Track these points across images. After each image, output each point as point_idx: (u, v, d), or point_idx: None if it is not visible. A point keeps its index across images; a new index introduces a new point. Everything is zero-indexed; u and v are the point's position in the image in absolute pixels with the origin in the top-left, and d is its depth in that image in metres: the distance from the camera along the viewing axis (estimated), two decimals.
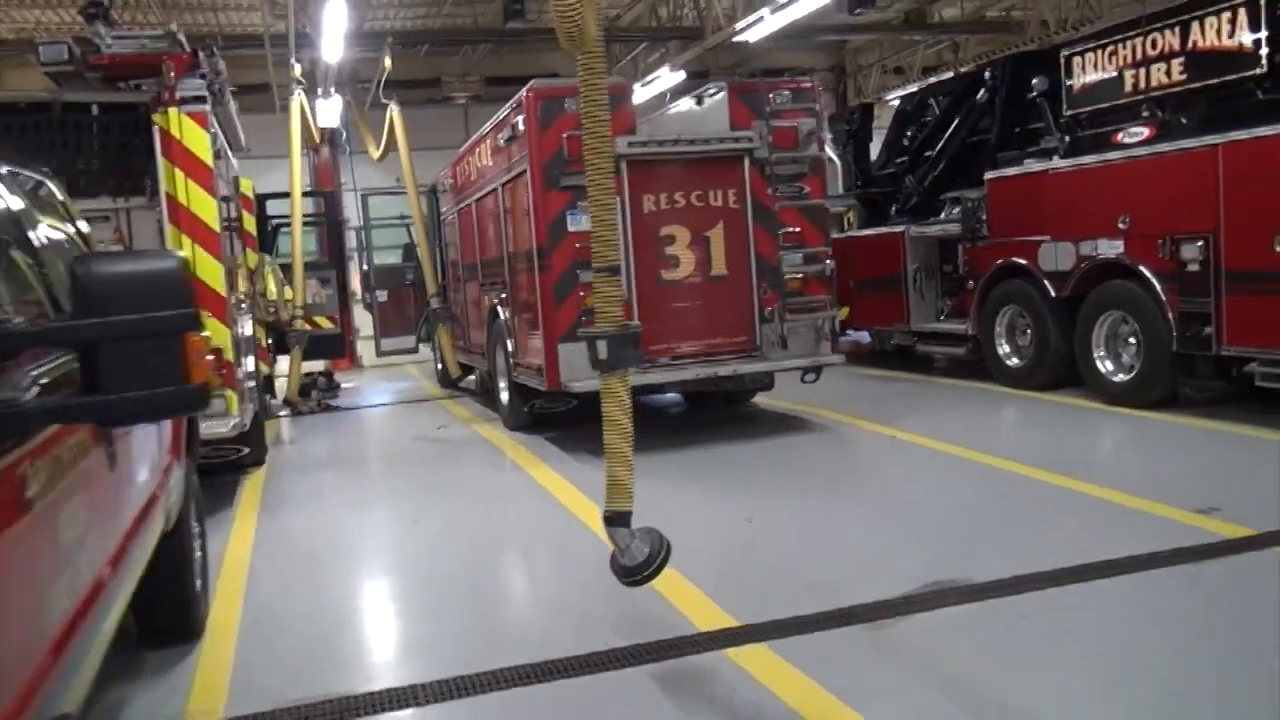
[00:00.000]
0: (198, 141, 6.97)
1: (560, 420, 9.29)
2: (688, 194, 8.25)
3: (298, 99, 10.75)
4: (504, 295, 9.32)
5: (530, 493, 7.18)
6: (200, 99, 7.00)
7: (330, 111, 14.03)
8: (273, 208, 14.27)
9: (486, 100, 17.84)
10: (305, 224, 14.05)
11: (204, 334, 7.02)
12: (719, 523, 6.08)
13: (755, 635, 4.25)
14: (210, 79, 7.31)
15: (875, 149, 13.23)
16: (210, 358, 6.87)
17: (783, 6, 11.78)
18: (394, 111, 11.18)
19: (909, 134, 12.03)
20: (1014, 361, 10.11)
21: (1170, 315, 8.04)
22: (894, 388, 11.14)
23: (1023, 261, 9.68)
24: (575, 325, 7.99)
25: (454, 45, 16.84)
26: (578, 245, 7.96)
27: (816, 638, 4.22)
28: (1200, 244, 7.75)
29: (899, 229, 11.73)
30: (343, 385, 14.93)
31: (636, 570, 4.08)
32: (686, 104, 9.33)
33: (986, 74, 10.63)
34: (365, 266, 14.79)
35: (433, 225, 12.76)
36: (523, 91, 8.13)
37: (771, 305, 8.37)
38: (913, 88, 13.54)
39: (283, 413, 12.29)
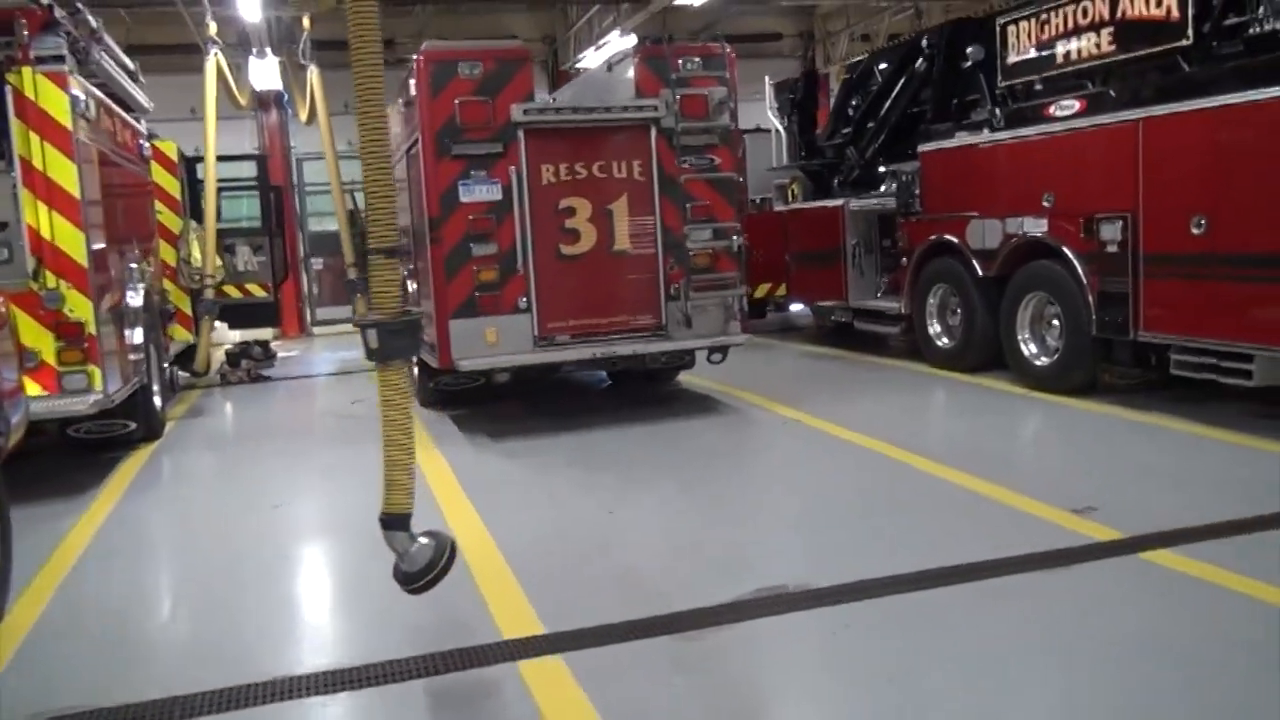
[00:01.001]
0: (55, 103, 6.61)
1: (475, 396, 8.97)
2: (589, 165, 7.88)
3: (214, 59, 10.33)
4: (410, 268, 8.98)
5: None
6: (59, 58, 6.63)
7: (267, 73, 13.60)
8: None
9: None
10: (241, 189, 13.78)
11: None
12: (580, 515, 5.80)
13: (555, 646, 3.96)
14: (75, 37, 6.94)
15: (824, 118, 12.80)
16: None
17: None
18: (314, 74, 10.77)
19: (853, 104, 11.60)
20: (944, 342, 9.79)
21: (1090, 298, 7.71)
22: (823, 367, 10.83)
23: (953, 239, 9.33)
24: (468, 301, 7.70)
25: (404, 4, 16.34)
26: (471, 217, 7.65)
27: (618, 650, 3.94)
28: (1119, 224, 7.39)
29: (838, 202, 11.37)
30: (279, 355, 14.64)
31: (417, 576, 3.80)
32: (600, 69, 8.93)
33: (924, 42, 10.20)
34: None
35: None
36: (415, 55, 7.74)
37: (678, 282, 8.03)
38: (860, 56, 13.08)
39: (214, 382, 12.01)
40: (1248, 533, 4.85)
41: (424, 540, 3.83)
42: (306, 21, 11.38)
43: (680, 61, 8.01)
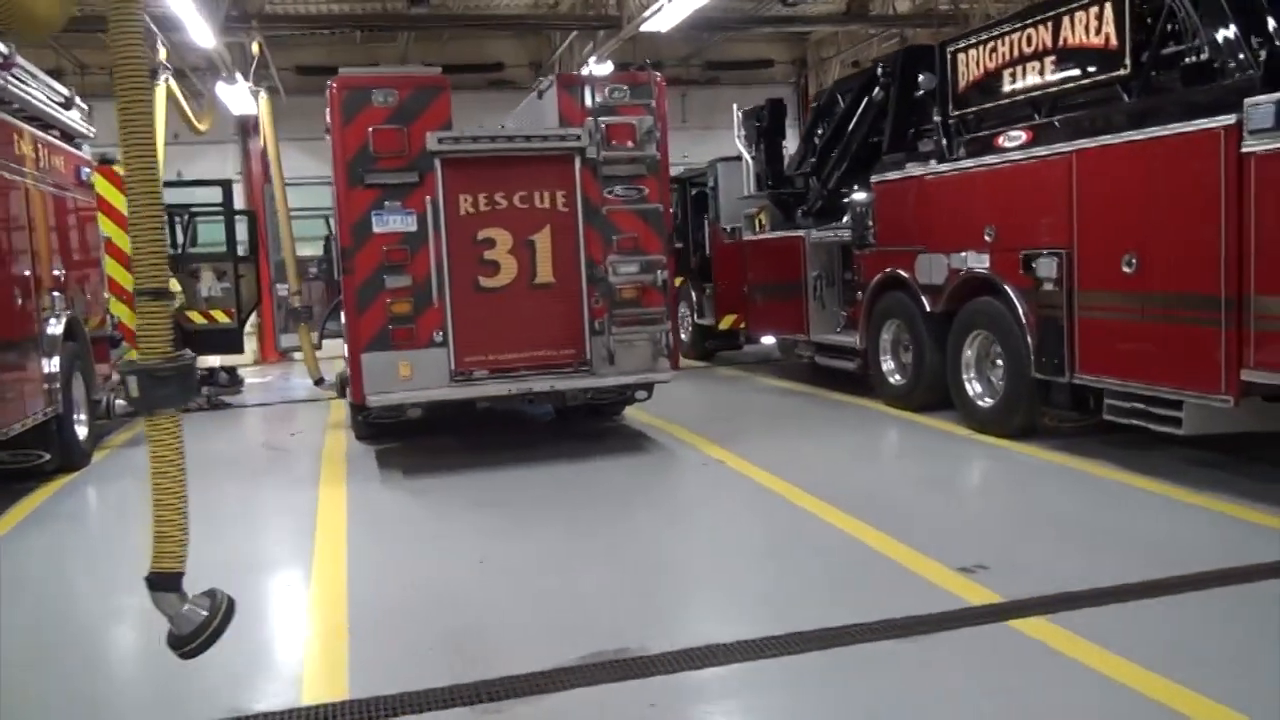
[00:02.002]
0: None
1: (409, 429, 8.73)
2: (510, 195, 7.66)
3: (163, 84, 10.26)
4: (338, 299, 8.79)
5: (296, 515, 6.61)
6: None
7: (241, 98, 13.55)
8: (188, 195, 13.89)
9: None
10: (209, 214, 13.70)
11: None
12: (453, 562, 5.52)
13: (349, 714, 3.69)
14: None
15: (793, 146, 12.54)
16: None
17: None
18: (262, 100, 10.65)
19: (819, 132, 11.32)
20: (896, 379, 9.44)
21: (1029, 338, 7.36)
22: (777, 403, 10.50)
23: (903, 273, 9.01)
24: (381, 334, 7.49)
25: (386, 30, 16.29)
26: (384, 248, 7.45)
27: None
28: (1055, 261, 7.05)
29: (799, 233, 11.06)
30: (253, 381, 14.55)
31: (185, 640, 3.53)
32: (533, 97, 8.73)
33: (879, 70, 9.92)
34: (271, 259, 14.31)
35: None
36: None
37: (603, 316, 7.77)
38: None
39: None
40: (1136, 599, 4.50)
41: (196, 601, 3.57)
42: (255, 48, 11.32)
43: (607, 89, 7.79)
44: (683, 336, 15.02)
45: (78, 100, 9.39)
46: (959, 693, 3.68)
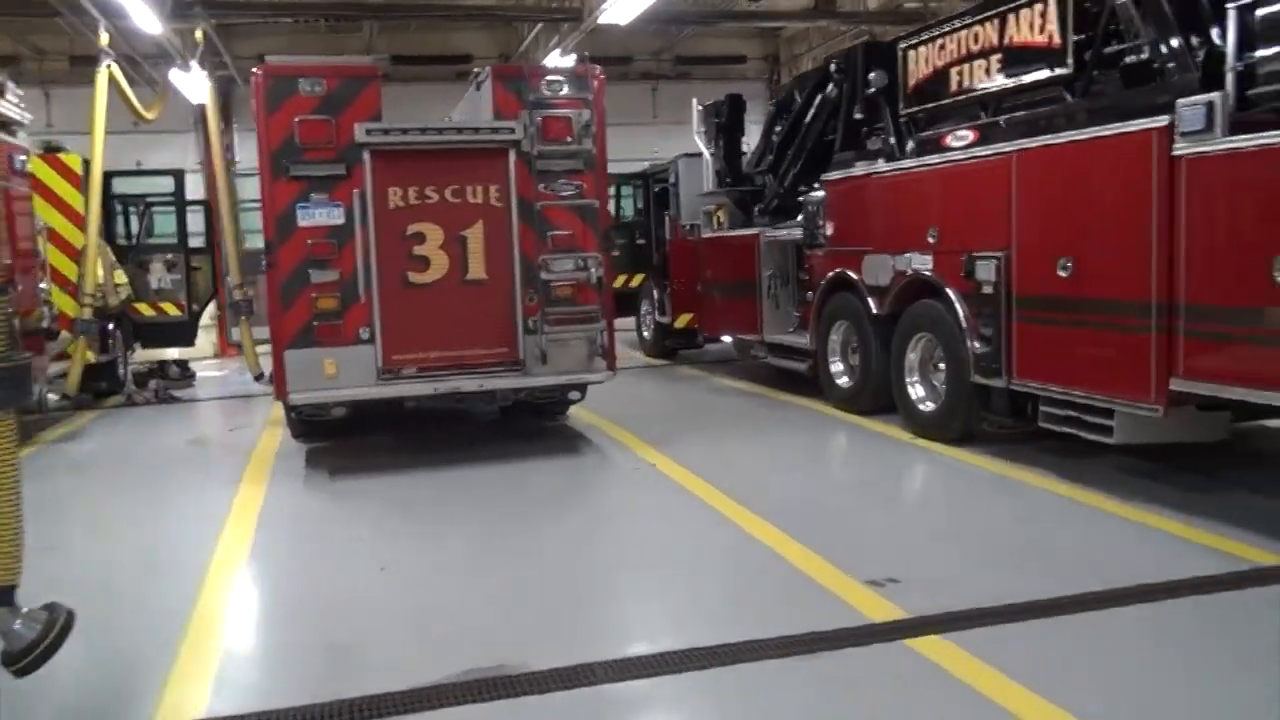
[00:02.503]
0: None
1: (347, 426, 8.52)
2: (442, 189, 7.45)
3: (105, 71, 10.01)
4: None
5: (206, 518, 6.38)
6: None
7: (197, 86, 13.27)
8: (134, 185, 13.67)
9: (394, 79, 17.05)
10: (163, 204, 13.47)
11: None
12: (353, 570, 5.33)
13: None
14: None
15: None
16: None
17: None
18: (205, 88, 10.37)
19: (777, 129, 11.13)
20: (844, 381, 9.28)
21: (969, 342, 7.20)
22: (727, 403, 10.34)
23: (852, 274, 8.84)
24: (305, 330, 7.28)
25: (351, 20, 16.05)
26: (309, 242, 7.25)
27: None
28: (994, 264, 6.89)
29: (754, 231, 10.89)
30: (211, 374, 14.34)
31: (18, 657, 3.33)
32: (471, 89, 8.52)
33: (832, 66, 9.74)
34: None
35: None
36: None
37: (536, 314, 7.59)
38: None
39: (120, 402, 11.66)
40: (1046, 616, 4.35)
41: (33, 615, 3.38)
42: (198, 35, 11.09)
43: (544, 82, 7.59)
44: (645, 334, 14.88)
45: (11, 86, 9.14)
46: (842, 717, 3.52)
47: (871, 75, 8.83)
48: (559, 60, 14.41)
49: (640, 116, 18.46)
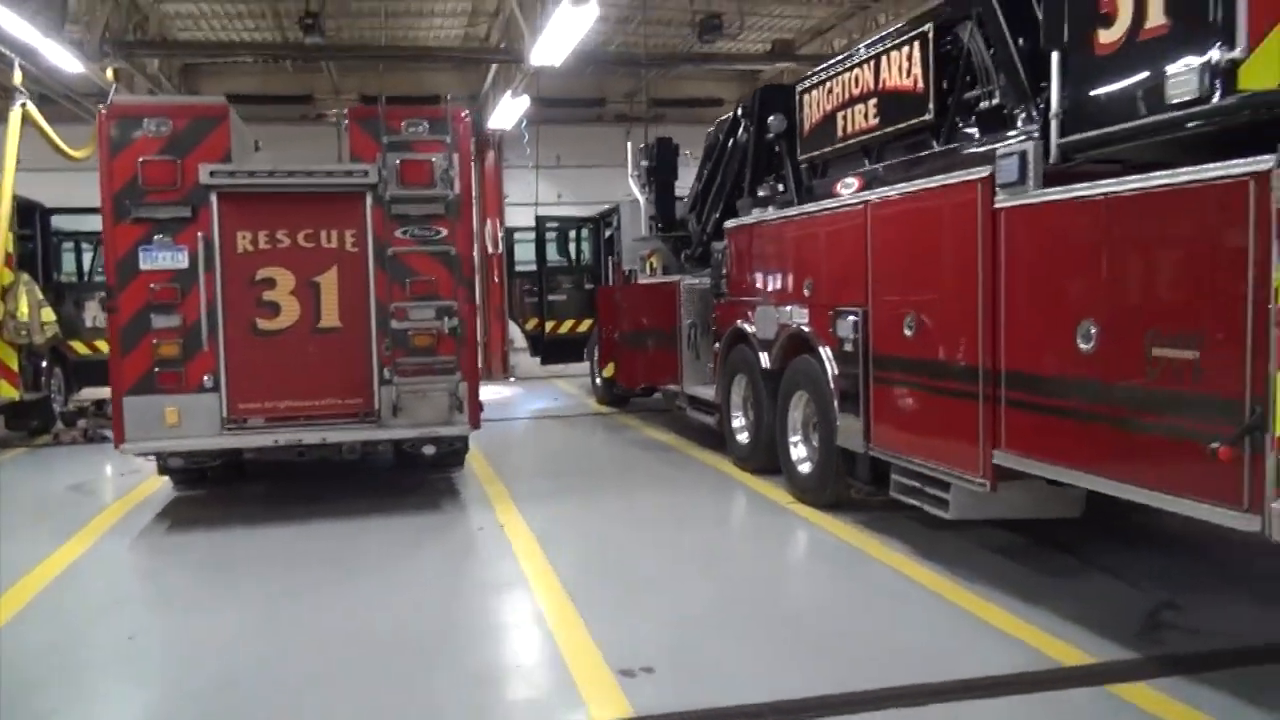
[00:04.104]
0: None
1: (233, 474, 8.29)
2: (294, 233, 7.21)
3: (19, 109, 9.96)
4: None
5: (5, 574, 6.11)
6: None
7: None
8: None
9: None
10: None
11: None
12: (98, 637, 5.00)
13: None
14: None
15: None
16: None
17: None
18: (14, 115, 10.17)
19: (703, 174, 10.81)
20: (744, 438, 8.84)
21: (834, 403, 6.77)
22: (628, 458, 9.92)
23: (747, 326, 8.44)
24: (146, 377, 7.03)
25: (313, 60, 16.02)
26: (152, 286, 7.02)
27: None
28: (853, 320, 6.48)
29: (674, 279, 10.54)
30: None
31: None
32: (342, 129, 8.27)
33: (739, 110, 9.41)
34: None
35: None
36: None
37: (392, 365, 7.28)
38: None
39: (48, 442, 11.54)
40: (807, 716, 3.91)
41: None
42: (109, 74, 11.03)
43: (402, 124, 7.33)
44: (597, 381, 14.52)
45: None
46: None
47: (771, 120, 8.50)
48: (508, 102, 14.23)
49: (613, 159, 18.14)
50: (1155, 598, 5.14)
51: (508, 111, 15.04)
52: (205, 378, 7.08)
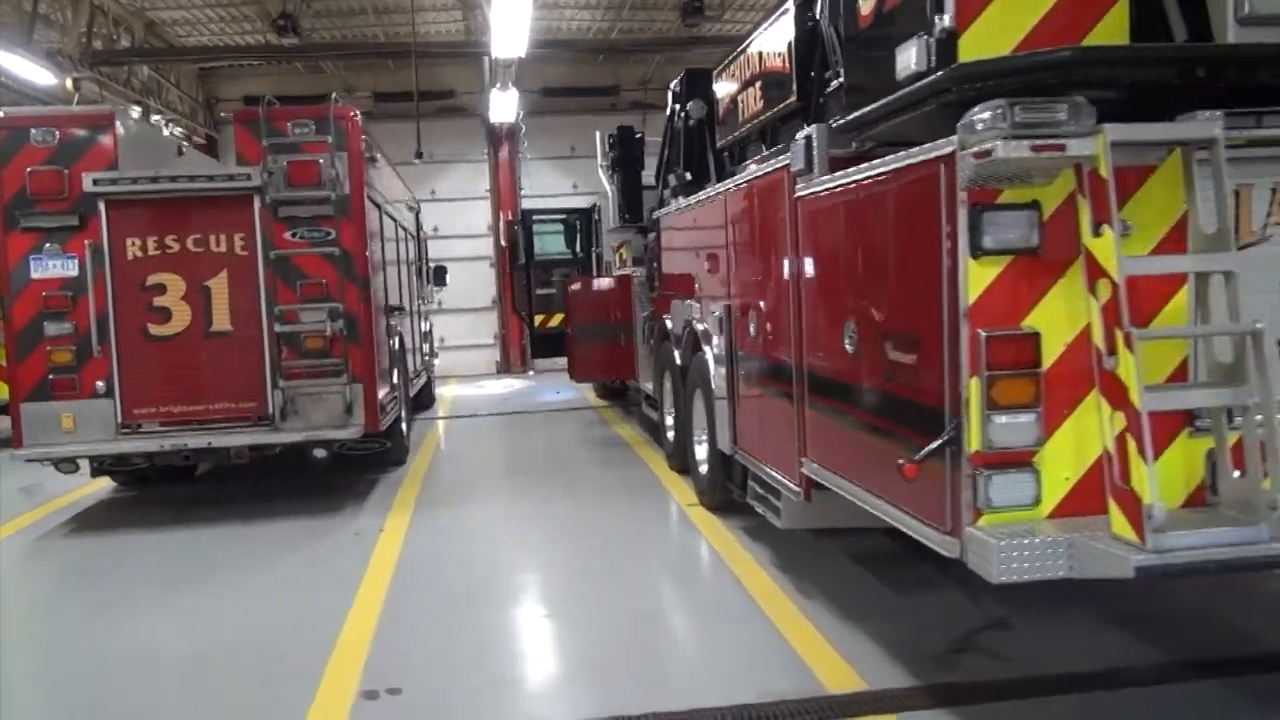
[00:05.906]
0: None
1: (163, 475, 8.37)
2: (183, 238, 7.22)
3: None
4: None
5: None
6: None
7: None
8: None
9: (378, 117, 17.09)
10: None
11: None
12: None
13: None
14: None
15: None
16: None
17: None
18: None
19: (660, 160, 10.47)
20: (671, 435, 8.54)
21: (716, 403, 6.45)
22: (576, 455, 9.73)
23: (667, 320, 8.14)
24: (41, 384, 7.15)
25: (254, 63, 16.06)
26: (44, 294, 7.13)
27: None
28: (718, 316, 6.16)
29: (628, 271, 10.27)
30: None
31: None
32: None
33: (669, 95, 9.07)
34: None
35: None
36: None
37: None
38: None
39: None
40: None
41: None
42: (69, 84, 11.26)
43: (288, 125, 7.26)
44: None
45: None
46: None
47: (690, 105, 8.15)
48: (497, 95, 14.12)
49: None
50: (989, 615, 4.72)
51: (502, 104, 14.91)
52: (99, 383, 7.15)
